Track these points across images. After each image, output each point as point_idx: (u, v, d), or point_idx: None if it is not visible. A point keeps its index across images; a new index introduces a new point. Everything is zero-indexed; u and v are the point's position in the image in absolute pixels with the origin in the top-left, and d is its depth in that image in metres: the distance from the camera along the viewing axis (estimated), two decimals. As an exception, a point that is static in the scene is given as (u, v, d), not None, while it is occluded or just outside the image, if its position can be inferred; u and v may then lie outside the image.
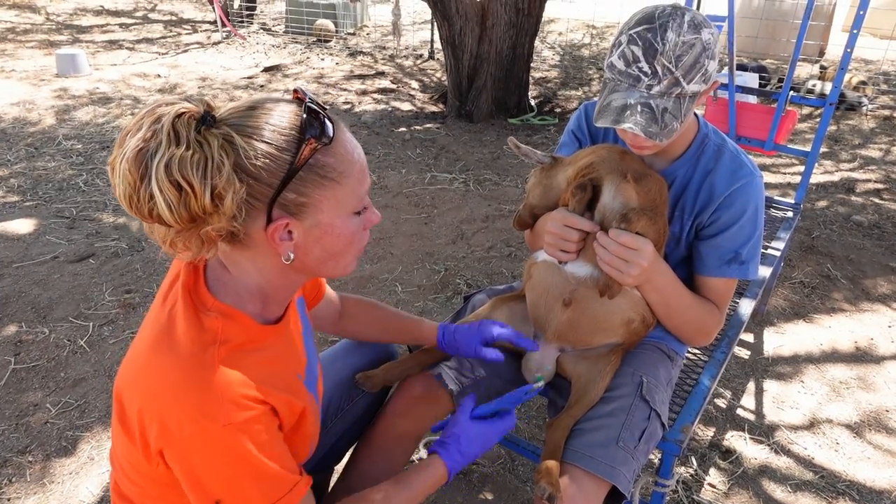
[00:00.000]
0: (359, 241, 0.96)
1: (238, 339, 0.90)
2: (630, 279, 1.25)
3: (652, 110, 1.20)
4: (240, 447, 0.85)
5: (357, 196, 0.92)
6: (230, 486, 0.87)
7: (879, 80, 6.49)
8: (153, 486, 0.96)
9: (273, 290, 0.96)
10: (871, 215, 3.83)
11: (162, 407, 0.84)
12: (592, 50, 7.96)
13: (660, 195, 1.31)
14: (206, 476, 0.86)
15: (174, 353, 0.86)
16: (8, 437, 2.03)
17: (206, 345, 0.86)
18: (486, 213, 3.70)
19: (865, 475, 2.01)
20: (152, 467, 0.90)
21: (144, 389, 0.87)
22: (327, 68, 6.90)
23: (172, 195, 0.77)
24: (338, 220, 0.90)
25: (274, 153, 0.82)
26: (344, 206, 0.90)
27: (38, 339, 2.48)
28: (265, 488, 0.89)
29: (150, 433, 0.85)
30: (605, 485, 1.22)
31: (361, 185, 0.92)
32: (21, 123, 4.83)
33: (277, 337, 1.00)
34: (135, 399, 0.87)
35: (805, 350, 2.60)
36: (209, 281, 0.93)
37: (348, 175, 0.89)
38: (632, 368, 1.38)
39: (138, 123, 0.80)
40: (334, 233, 0.91)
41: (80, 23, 8.40)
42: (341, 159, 0.88)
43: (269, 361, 0.95)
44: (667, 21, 1.17)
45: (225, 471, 0.86)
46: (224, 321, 0.90)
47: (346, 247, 0.94)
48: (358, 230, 0.95)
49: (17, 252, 3.08)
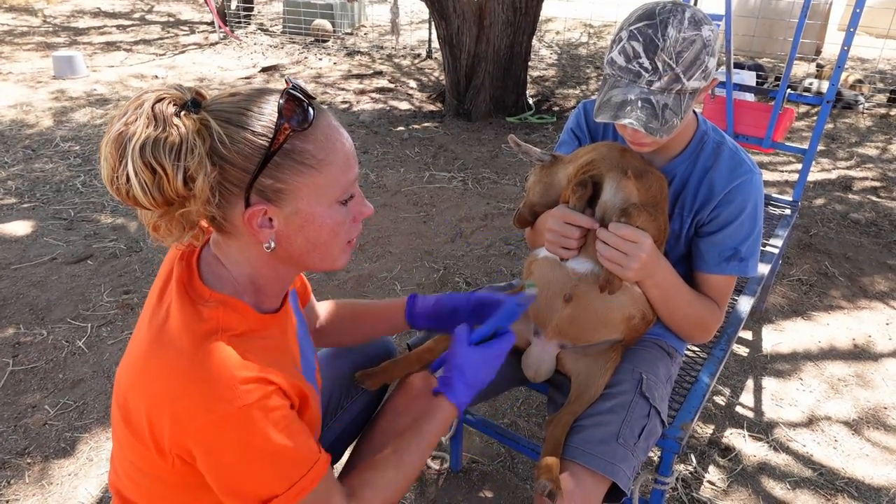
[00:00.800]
0: (345, 232, 0.94)
1: (239, 328, 0.90)
2: (630, 273, 1.25)
3: (652, 106, 1.20)
4: (257, 427, 0.84)
5: (339, 185, 0.90)
6: (251, 468, 0.86)
7: (876, 78, 6.50)
8: (162, 486, 0.95)
9: (264, 280, 0.96)
10: (868, 213, 3.83)
11: (172, 403, 0.83)
12: (590, 49, 7.96)
13: (660, 192, 1.31)
14: (229, 462, 0.85)
15: (175, 347, 0.86)
16: (7, 439, 2.02)
17: (208, 333, 0.86)
18: (484, 211, 3.70)
19: (864, 472, 2.01)
20: (168, 466, 0.89)
21: (149, 388, 0.86)
22: (325, 68, 6.89)
23: (146, 177, 0.78)
24: (319, 208, 0.89)
25: (250, 138, 0.83)
26: (325, 195, 0.89)
27: (37, 341, 2.48)
28: (287, 468, 0.89)
29: (163, 432, 0.85)
30: (605, 481, 1.22)
31: (344, 174, 0.90)
32: (18, 125, 4.83)
33: (277, 326, 1.00)
34: (141, 400, 0.87)
35: (803, 347, 2.61)
36: (203, 275, 0.93)
37: (329, 163, 0.88)
38: (631, 365, 1.38)
39: (125, 108, 0.81)
40: (316, 221, 0.90)
41: (78, 25, 8.39)
42: (321, 146, 0.87)
43: (271, 349, 0.95)
44: (667, 17, 1.17)
45: (246, 453, 0.85)
46: (223, 310, 0.90)
47: (331, 237, 0.92)
48: (344, 221, 0.93)
49: (15, 254, 3.08)
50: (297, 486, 0.89)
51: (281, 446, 0.87)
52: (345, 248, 0.97)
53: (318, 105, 0.90)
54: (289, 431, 0.89)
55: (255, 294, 0.97)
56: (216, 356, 0.84)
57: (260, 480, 0.88)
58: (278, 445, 0.87)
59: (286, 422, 0.89)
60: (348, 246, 0.97)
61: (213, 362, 0.84)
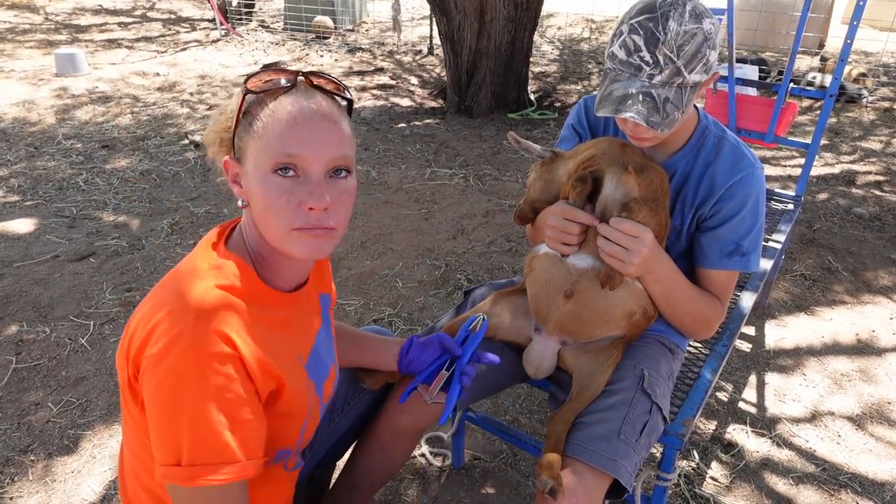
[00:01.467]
0: (283, 209, 0.90)
1: (244, 288, 0.93)
2: (632, 268, 1.24)
3: (654, 100, 1.19)
4: (194, 378, 0.83)
5: (274, 152, 0.89)
6: (170, 420, 0.84)
7: (879, 71, 6.47)
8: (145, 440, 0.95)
9: (266, 253, 0.99)
10: (871, 207, 3.82)
11: (153, 320, 0.86)
12: (591, 44, 7.94)
13: (661, 187, 1.30)
14: (157, 402, 0.85)
15: (174, 277, 0.92)
16: (10, 437, 2.03)
17: (213, 268, 0.92)
18: (486, 208, 3.70)
19: (867, 467, 2.00)
20: (140, 410, 0.91)
21: (141, 311, 0.90)
22: (326, 65, 6.88)
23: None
24: (256, 171, 0.91)
25: (236, 101, 0.95)
26: (262, 160, 0.91)
27: (40, 339, 2.48)
28: (201, 441, 0.84)
29: (133, 347, 0.88)
30: (607, 478, 1.21)
31: (281, 144, 0.89)
32: (21, 123, 4.83)
33: (282, 305, 1.00)
34: (135, 318, 0.91)
35: (806, 343, 2.60)
36: (229, 244, 1.00)
37: (269, 128, 0.90)
38: (633, 362, 1.37)
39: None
40: (253, 185, 0.92)
41: (79, 22, 8.39)
42: (269, 112, 0.91)
43: (267, 322, 0.95)
44: (668, 10, 1.16)
45: (172, 402, 0.84)
46: (231, 263, 0.94)
47: (266, 209, 0.91)
48: (280, 196, 0.90)
49: (17, 251, 3.08)
50: (199, 469, 0.85)
51: (207, 418, 0.84)
52: (290, 232, 0.91)
53: (305, 88, 0.95)
54: (227, 411, 0.86)
55: (262, 267, 0.99)
56: (199, 292, 0.87)
57: (171, 437, 0.85)
58: (205, 415, 0.84)
59: (229, 398, 0.86)
60: (298, 234, 0.92)
61: (192, 296, 0.87)
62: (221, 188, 1.30)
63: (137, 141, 4.59)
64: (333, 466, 1.54)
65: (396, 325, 2.63)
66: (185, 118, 5.10)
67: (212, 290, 0.88)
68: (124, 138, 4.63)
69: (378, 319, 2.66)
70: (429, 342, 1.32)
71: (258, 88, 0.92)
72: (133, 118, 5.05)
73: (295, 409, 1.01)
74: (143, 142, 4.58)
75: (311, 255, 0.94)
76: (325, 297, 1.19)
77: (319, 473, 1.47)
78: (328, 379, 1.14)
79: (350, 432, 1.46)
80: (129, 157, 4.29)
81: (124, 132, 4.75)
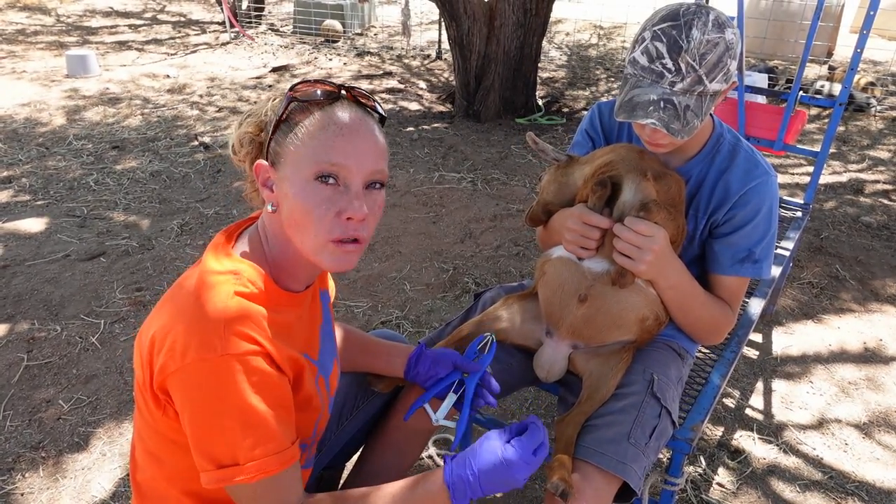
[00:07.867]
0: (322, 218, 0.91)
1: (260, 293, 0.94)
2: (642, 265, 1.24)
3: (675, 107, 1.20)
4: (235, 382, 0.85)
5: (318, 159, 0.91)
6: (219, 424, 0.86)
7: (888, 81, 6.46)
8: (160, 441, 0.96)
9: (283, 258, 0.99)
10: (879, 216, 3.81)
11: (169, 334, 0.87)
12: (600, 50, 7.95)
13: (678, 194, 1.31)
14: (199, 411, 0.86)
15: (188, 286, 0.92)
16: (21, 433, 2.05)
17: (222, 279, 0.91)
18: (494, 212, 3.71)
19: (874, 476, 2.00)
20: (161, 413, 0.92)
21: (159, 319, 0.90)
22: (335, 68, 6.91)
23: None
24: (296, 177, 0.92)
25: (279, 107, 0.96)
26: (302, 167, 0.91)
27: (51, 337, 2.50)
28: (256, 437, 0.87)
29: (157, 361, 0.88)
30: (616, 481, 1.22)
31: (326, 152, 0.91)
32: (32, 123, 4.87)
33: (293, 306, 1.01)
34: (149, 332, 0.91)
35: (813, 350, 2.60)
36: (238, 244, 1.01)
37: (314, 136, 0.92)
38: (643, 366, 1.38)
39: None
40: (291, 191, 0.92)
41: (90, 24, 8.45)
42: (314, 121, 0.93)
43: (281, 323, 0.96)
44: (692, 19, 1.18)
45: (217, 406, 0.85)
46: (248, 268, 0.95)
47: (304, 217, 0.91)
48: (320, 204, 0.90)
49: (28, 250, 3.11)
50: (261, 462, 0.87)
51: (255, 411, 0.86)
52: (326, 244, 0.92)
53: (347, 101, 0.96)
54: (269, 402, 0.88)
55: (278, 271, 1.00)
56: (220, 300, 0.88)
57: (225, 440, 0.86)
58: (253, 409, 0.86)
59: (269, 389, 0.88)
60: (335, 246, 0.92)
61: (214, 305, 0.87)
62: (231, 190, 1.32)
63: (147, 142, 4.62)
64: (343, 468, 1.55)
65: (404, 327, 2.64)
66: (194, 120, 5.13)
67: (232, 298, 0.89)
68: (134, 139, 4.66)
69: (386, 322, 2.67)
70: (440, 358, 1.30)
71: (305, 97, 0.94)
72: (143, 119, 5.09)
73: (310, 404, 1.04)
74: (153, 143, 4.61)
75: (340, 268, 0.95)
76: (325, 294, 1.21)
77: (329, 475, 1.48)
78: (332, 374, 1.17)
79: (360, 434, 1.47)
80: (140, 158, 4.32)
81: (134, 133, 4.78)
